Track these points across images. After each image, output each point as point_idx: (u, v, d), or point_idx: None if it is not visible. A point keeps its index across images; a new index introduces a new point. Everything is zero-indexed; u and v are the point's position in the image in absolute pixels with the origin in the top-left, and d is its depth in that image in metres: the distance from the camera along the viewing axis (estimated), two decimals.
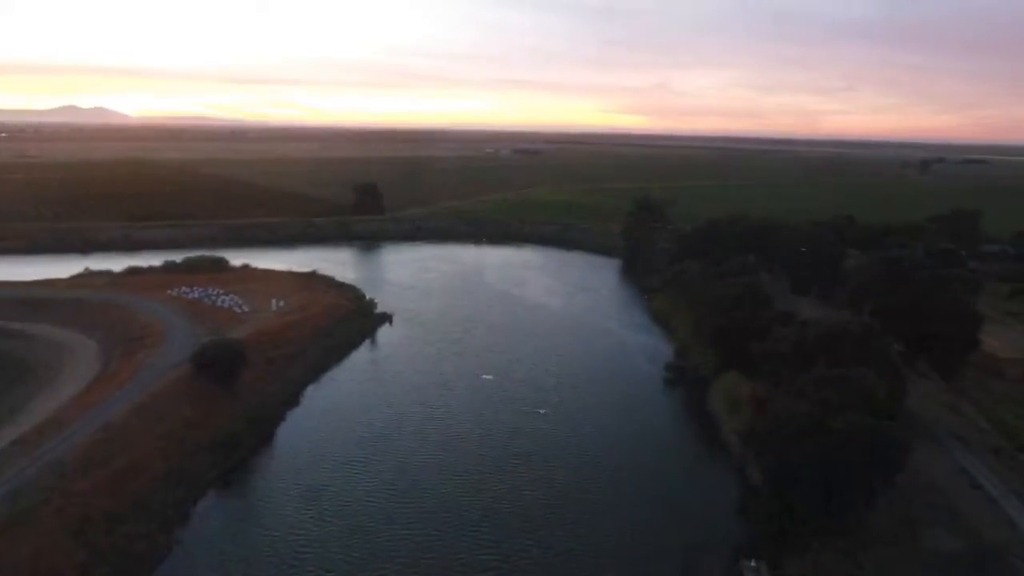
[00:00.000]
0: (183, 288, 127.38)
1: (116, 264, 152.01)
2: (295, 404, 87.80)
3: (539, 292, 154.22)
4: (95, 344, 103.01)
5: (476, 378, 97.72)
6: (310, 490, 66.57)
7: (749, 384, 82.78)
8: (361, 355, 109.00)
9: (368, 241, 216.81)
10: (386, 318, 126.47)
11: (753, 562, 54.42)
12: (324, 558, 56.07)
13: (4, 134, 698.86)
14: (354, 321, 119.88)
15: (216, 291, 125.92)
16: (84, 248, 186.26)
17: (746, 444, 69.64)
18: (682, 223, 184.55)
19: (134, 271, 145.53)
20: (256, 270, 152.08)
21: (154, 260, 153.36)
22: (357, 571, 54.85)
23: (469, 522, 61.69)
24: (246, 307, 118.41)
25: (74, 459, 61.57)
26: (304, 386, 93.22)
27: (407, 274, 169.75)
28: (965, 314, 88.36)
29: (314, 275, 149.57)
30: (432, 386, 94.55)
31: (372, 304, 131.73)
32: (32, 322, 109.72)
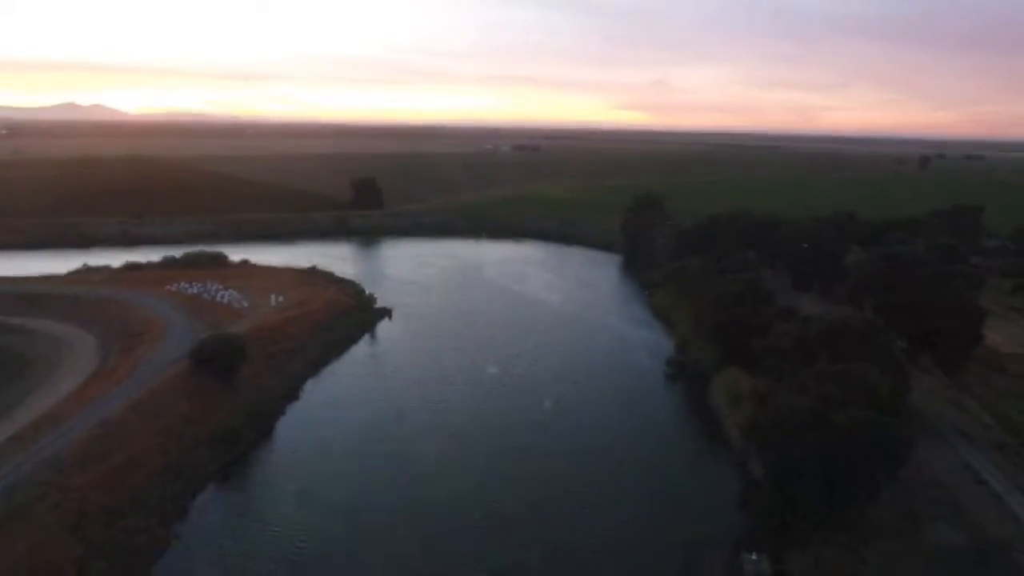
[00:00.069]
0: (182, 284, 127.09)
1: (115, 260, 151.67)
2: (295, 399, 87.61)
3: (539, 287, 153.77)
4: (93, 339, 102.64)
5: (476, 372, 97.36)
6: (309, 484, 66.22)
7: (750, 379, 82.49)
8: (361, 350, 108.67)
9: (367, 236, 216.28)
10: (386, 313, 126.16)
11: (754, 555, 54.18)
12: (323, 551, 55.74)
13: (3, 131, 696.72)
14: (354, 316, 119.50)
15: (215, 287, 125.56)
16: (83, 244, 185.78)
17: (748, 438, 69.31)
18: (682, 219, 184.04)
19: (133, 267, 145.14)
20: (255, 266, 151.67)
21: (153, 256, 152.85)
22: (356, 564, 54.54)
23: (470, 516, 61.37)
24: (245, 302, 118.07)
25: (71, 455, 61.18)
26: (304, 381, 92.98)
27: (406, 269, 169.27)
28: (968, 310, 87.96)
29: (313, 270, 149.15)
30: (432, 381, 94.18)
31: (371, 299, 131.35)
32: (31, 317, 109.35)
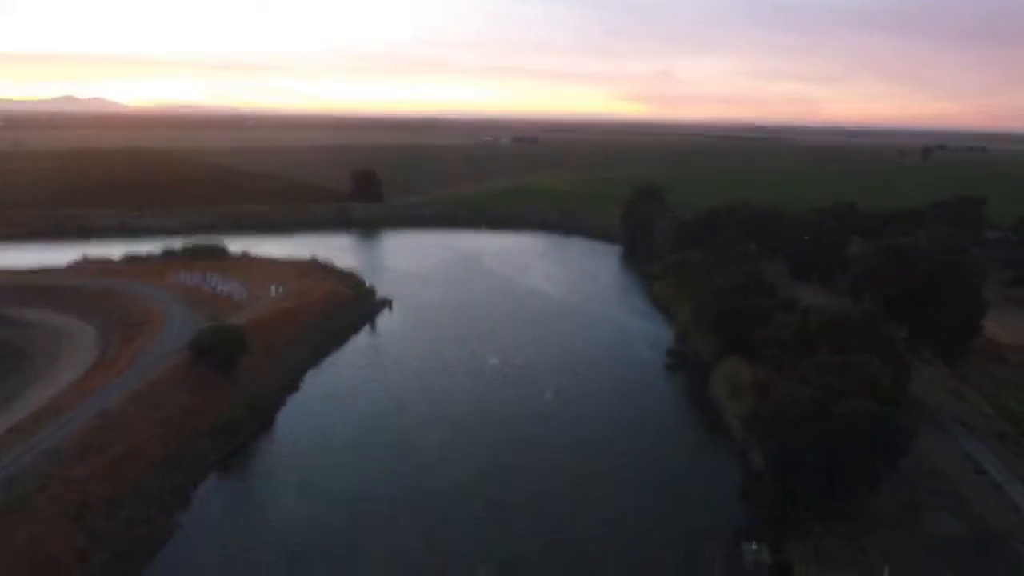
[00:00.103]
0: (182, 275, 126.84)
1: (114, 251, 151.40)
2: (295, 389, 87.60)
3: (539, 278, 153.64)
4: (93, 330, 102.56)
5: (476, 363, 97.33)
6: (310, 474, 66.26)
7: (751, 370, 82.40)
8: (361, 341, 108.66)
9: (367, 228, 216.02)
10: (386, 304, 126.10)
11: (754, 545, 54.24)
12: (324, 541, 55.79)
13: (2, 123, 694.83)
14: (354, 307, 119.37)
15: (215, 278, 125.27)
16: (82, 235, 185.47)
17: (748, 429, 69.20)
18: (682, 211, 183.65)
19: (132, 258, 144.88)
20: (255, 257, 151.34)
21: (152, 247, 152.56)
22: (357, 554, 54.60)
23: (470, 506, 61.40)
24: (245, 294, 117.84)
25: (71, 446, 61.13)
26: (304, 372, 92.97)
27: (406, 260, 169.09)
28: (970, 300, 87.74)
29: (313, 262, 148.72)
30: (432, 371, 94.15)
31: (371, 290, 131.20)
32: (30, 308, 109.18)
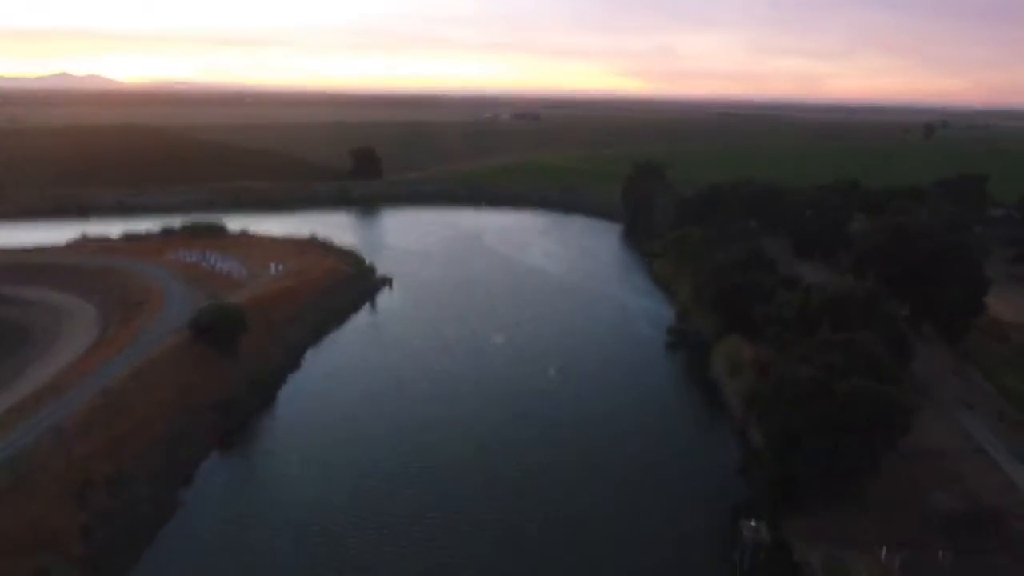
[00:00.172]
0: (181, 253, 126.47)
1: (113, 229, 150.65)
2: (295, 367, 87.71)
3: (539, 256, 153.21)
4: (93, 308, 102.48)
5: (477, 341, 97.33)
6: (311, 451, 66.54)
7: (751, 348, 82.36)
8: (361, 319, 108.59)
9: (367, 206, 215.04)
10: (386, 282, 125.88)
11: (753, 522, 54.41)
12: (326, 516, 56.10)
13: None
14: (354, 285, 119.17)
15: (214, 256, 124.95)
16: (80, 214, 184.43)
17: (748, 407, 69.30)
18: (683, 188, 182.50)
19: (131, 236, 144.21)
20: (254, 235, 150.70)
21: (151, 225, 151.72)
22: (358, 529, 54.93)
23: (471, 482, 61.72)
24: (245, 272, 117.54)
25: (74, 424, 61.25)
26: (304, 350, 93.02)
27: (406, 238, 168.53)
28: (972, 278, 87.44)
29: (313, 240, 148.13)
30: (432, 350, 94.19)
31: (371, 268, 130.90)
32: (30, 287, 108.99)
